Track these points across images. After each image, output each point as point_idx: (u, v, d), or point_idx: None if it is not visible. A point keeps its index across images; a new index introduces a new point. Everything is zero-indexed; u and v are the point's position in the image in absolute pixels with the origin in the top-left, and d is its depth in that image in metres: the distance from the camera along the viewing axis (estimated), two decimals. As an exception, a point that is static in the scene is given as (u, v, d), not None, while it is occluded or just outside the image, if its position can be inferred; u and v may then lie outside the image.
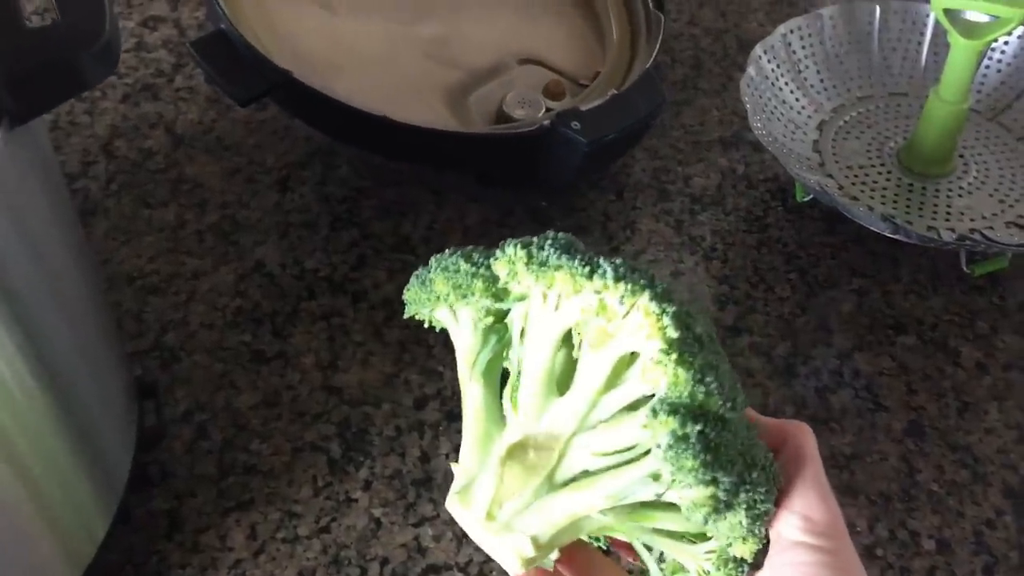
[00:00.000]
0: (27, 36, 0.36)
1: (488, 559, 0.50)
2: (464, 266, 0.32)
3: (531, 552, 0.31)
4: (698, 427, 0.28)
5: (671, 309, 0.29)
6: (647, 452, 0.30)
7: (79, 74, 0.37)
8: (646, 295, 0.29)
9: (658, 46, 0.70)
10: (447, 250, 0.34)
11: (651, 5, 0.74)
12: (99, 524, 0.47)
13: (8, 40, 0.35)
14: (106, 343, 0.47)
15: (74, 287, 0.43)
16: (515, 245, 0.32)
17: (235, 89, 0.61)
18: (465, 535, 0.43)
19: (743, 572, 0.32)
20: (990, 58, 0.74)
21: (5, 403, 0.38)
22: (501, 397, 0.33)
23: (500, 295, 0.32)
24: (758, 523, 0.30)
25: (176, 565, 0.51)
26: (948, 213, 0.67)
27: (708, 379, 0.29)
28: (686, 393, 0.29)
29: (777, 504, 0.31)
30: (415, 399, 0.59)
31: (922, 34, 0.76)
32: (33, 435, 0.40)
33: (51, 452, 0.42)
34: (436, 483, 0.55)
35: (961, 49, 0.64)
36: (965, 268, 0.65)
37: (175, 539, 0.52)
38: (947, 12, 0.64)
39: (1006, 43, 0.74)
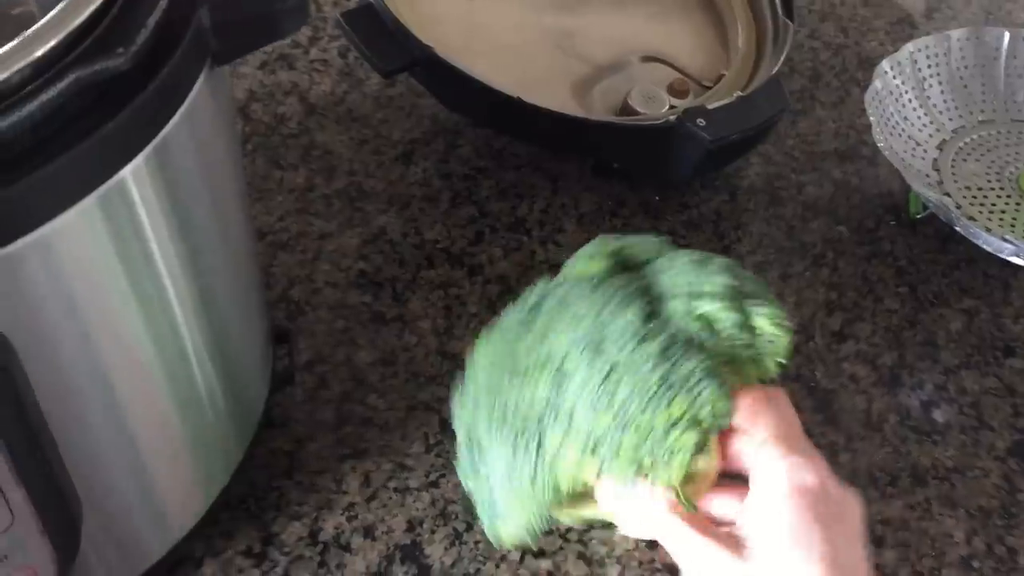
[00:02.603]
0: (235, -15, 0.39)
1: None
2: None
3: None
4: None
5: None
6: None
7: (275, 24, 0.39)
8: None
9: (785, 53, 0.71)
10: None
11: (780, 12, 0.75)
12: (234, 456, 0.49)
13: (218, -12, 0.38)
14: (256, 286, 0.50)
15: (239, 229, 0.46)
16: None
17: (379, 61, 0.63)
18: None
19: None
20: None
21: (173, 340, 0.41)
22: None
23: None
24: None
25: (294, 502, 0.54)
26: (1066, 241, 0.67)
27: None
28: None
29: None
30: (525, 372, 0.61)
31: (1050, 63, 0.75)
32: (194, 368, 0.43)
33: (204, 385, 0.44)
34: (542, 453, 0.57)
35: (1095, 78, 0.64)
36: (1079, 298, 0.65)
37: (294, 478, 0.55)
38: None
39: None
